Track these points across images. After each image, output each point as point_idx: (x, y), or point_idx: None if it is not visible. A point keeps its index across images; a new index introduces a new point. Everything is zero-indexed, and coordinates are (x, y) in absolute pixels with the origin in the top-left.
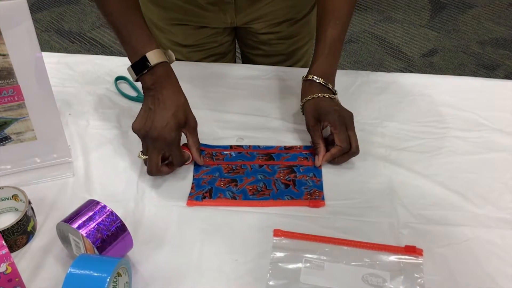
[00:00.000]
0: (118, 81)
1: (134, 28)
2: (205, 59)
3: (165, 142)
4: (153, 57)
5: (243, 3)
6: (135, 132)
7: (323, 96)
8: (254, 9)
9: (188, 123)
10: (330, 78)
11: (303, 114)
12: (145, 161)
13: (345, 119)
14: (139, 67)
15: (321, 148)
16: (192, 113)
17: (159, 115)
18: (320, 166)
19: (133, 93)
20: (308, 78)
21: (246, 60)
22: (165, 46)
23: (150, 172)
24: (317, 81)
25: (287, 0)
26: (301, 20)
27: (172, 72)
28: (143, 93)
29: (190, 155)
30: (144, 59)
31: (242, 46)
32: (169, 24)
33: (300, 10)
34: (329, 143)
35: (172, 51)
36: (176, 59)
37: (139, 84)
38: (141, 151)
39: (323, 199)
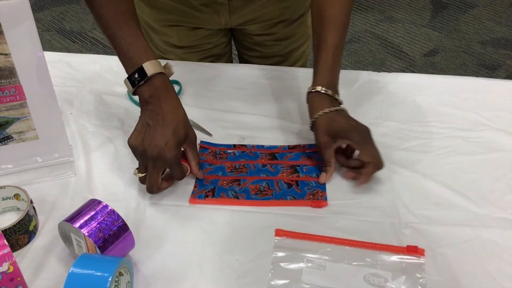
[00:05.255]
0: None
1: (131, 39)
2: (201, 61)
3: (166, 161)
4: (150, 67)
5: (237, 4)
6: (131, 149)
7: (335, 110)
8: (248, 10)
9: (188, 138)
10: (335, 88)
11: (311, 130)
12: (141, 178)
13: (366, 134)
14: (136, 79)
15: (332, 167)
16: (191, 127)
17: (159, 132)
18: None
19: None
20: (316, 89)
21: (243, 61)
22: (160, 47)
23: (151, 191)
24: (326, 93)
25: (281, 1)
26: (297, 21)
27: (170, 84)
28: (140, 106)
29: (189, 167)
30: (141, 70)
31: (239, 48)
32: (163, 26)
33: (295, 10)
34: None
35: (167, 52)
36: (172, 60)
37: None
38: (137, 168)
39: (325, 199)
